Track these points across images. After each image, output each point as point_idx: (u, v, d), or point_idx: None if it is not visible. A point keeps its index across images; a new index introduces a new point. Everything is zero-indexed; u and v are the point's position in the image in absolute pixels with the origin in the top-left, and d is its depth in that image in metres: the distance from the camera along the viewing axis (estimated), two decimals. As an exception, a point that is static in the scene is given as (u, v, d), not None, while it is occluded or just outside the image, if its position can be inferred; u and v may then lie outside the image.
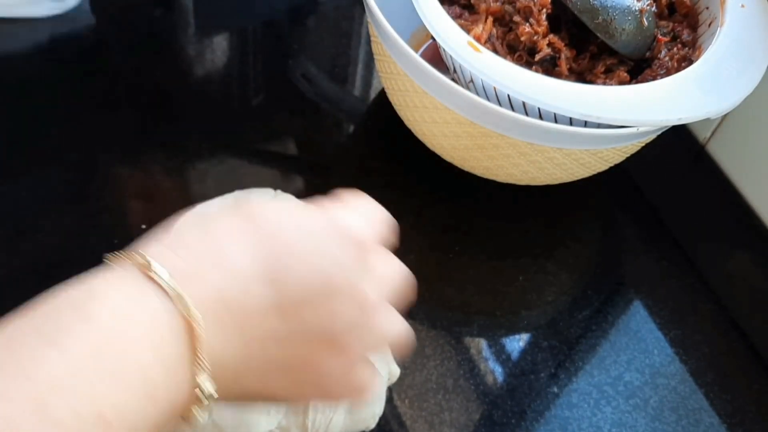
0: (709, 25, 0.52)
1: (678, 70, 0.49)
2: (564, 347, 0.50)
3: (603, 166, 0.52)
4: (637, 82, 0.50)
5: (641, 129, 0.45)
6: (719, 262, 0.56)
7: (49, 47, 0.60)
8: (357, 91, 0.63)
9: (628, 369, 0.49)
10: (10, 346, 0.24)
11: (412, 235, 0.54)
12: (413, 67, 0.47)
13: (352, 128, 0.61)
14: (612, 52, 0.50)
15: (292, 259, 0.28)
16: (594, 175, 0.53)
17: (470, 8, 0.53)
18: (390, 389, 0.46)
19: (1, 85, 0.57)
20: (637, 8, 0.49)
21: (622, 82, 0.50)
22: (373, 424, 0.43)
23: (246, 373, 0.28)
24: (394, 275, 0.33)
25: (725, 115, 0.58)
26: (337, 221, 0.32)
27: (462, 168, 0.54)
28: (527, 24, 0.49)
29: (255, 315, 0.27)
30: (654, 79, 0.49)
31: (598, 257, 0.55)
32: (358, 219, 0.34)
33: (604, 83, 0.50)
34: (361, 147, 0.60)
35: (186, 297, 0.26)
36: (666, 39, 0.51)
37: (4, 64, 0.59)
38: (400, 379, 0.47)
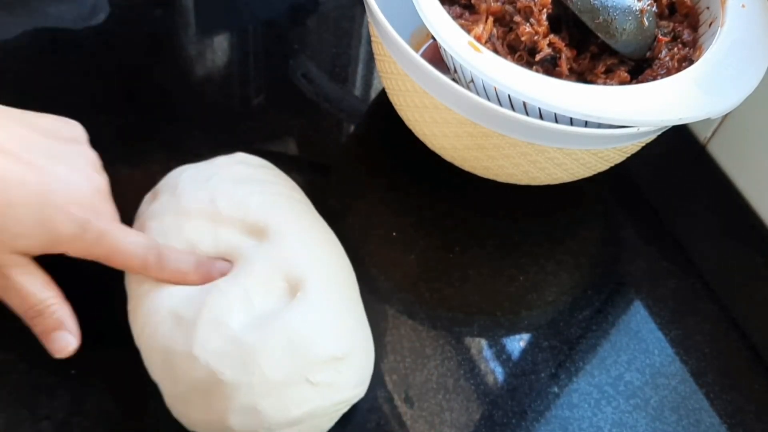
0: (710, 25, 0.52)
1: (678, 70, 0.49)
2: (564, 347, 0.50)
3: (603, 166, 0.52)
4: (637, 82, 0.50)
5: (642, 129, 0.45)
6: (720, 262, 0.56)
7: (51, 47, 0.60)
8: (357, 91, 0.63)
9: (628, 369, 0.49)
10: None
11: (412, 235, 0.54)
12: (414, 67, 0.47)
13: (352, 128, 0.61)
14: (612, 52, 0.50)
15: None
16: (594, 175, 0.53)
17: (470, 8, 0.53)
18: (390, 389, 0.47)
19: (3, 85, 0.57)
20: (637, 8, 0.49)
21: (622, 82, 0.50)
22: None
23: None
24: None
25: (726, 115, 0.58)
26: None
27: (462, 168, 0.54)
28: (528, 24, 0.49)
29: None
30: (654, 79, 0.49)
31: (599, 257, 0.55)
32: None
33: (605, 83, 0.50)
34: (361, 147, 0.60)
35: None
36: (666, 39, 0.51)
37: (5, 64, 0.59)
38: (401, 378, 0.47)
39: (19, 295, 0.40)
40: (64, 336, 0.41)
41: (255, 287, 0.41)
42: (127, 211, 0.50)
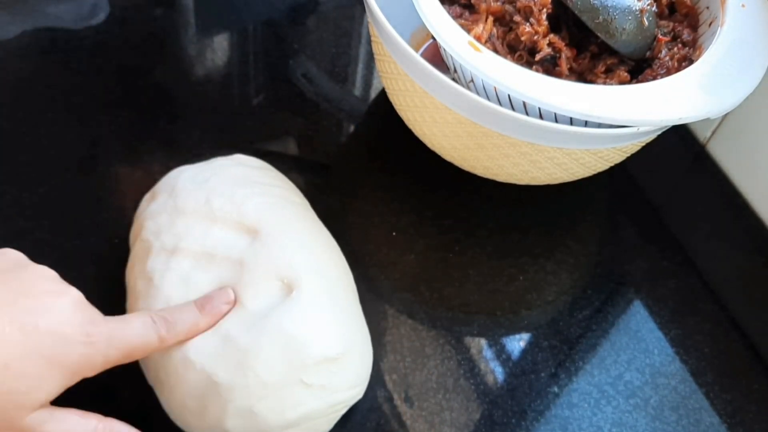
0: (710, 24, 0.52)
1: (678, 69, 0.49)
2: (564, 347, 0.50)
3: (603, 166, 0.52)
4: (637, 82, 0.50)
5: (641, 129, 0.45)
6: (719, 262, 0.56)
7: (51, 47, 0.60)
8: (357, 90, 0.63)
9: (628, 368, 0.50)
10: None
11: (412, 235, 0.54)
12: (413, 67, 0.47)
13: (352, 128, 0.61)
14: (612, 52, 0.50)
15: None
16: (594, 175, 0.53)
17: (470, 8, 0.53)
18: (390, 389, 0.47)
19: (3, 84, 0.58)
20: (637, 8, 0.49)
21: (622, 82, 0.50)
22: None
23: None
24: None
25: (725, 115, 0.58)
26: None
27: (462, 168, 0.54)
28: (527, 24, 0.49)
29: None
30: (654, 78, 0.49)
31: (599, 257, 0.55)
32: None
33: (605, 83, 0.50)
34: (361, 147, 0.60)
35: None
36: (666, 39, 0.52)
37: (5, 64, 0.59)
38: (401, 378, 0.47)
39: None
40: None
41: (247, 288, 0.41)
42: (127, 211, 0.50)
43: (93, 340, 0.36)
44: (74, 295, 0.37)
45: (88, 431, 0.37)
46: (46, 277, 0.38)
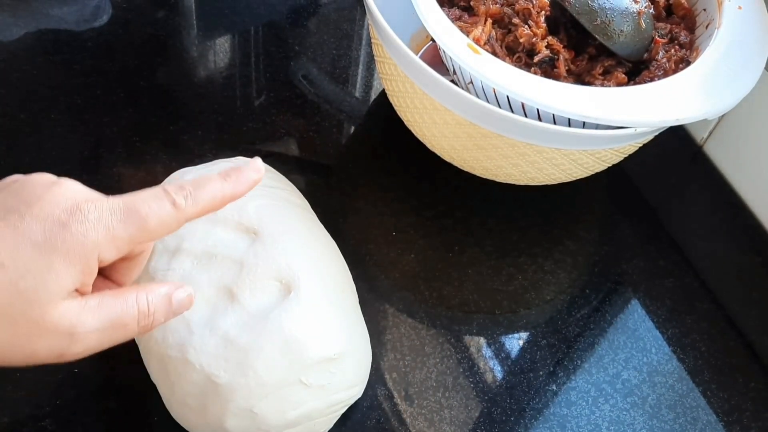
0: (707, 26, 0.52)
1: (675, 71, 0.49)
2: (562, 345, 0.50)
3: (601, 167, 0.52)
4: (635, 84, 0.50)
5: (639, 130, 0.45)
6: (716, 261, 0.57)
7: (54, 48, 0.61)
8: (357, 92, 0.64)
9: (625, 367, 0.50)
10: None
11: (412, 235, 0.54)
12: (413, 68, 0.47)
13: (352, 129, 0.62)
14: (610, 54, 0.51)
15: None
16: (592, 175, 0.54)
17: (469, 10, 0.53)
18: (390, 387, 0.47)
19: (6, 86, 0.58)
20: (635, 10, 0.50)
21: (620, 84, 0.50)
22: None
23: None
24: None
25: (722, 116, 0.58)
26: None
27: (462, 168, 0.54)
28: (526, 26, 0.50)
29: None
30: (652, 80, 0.50)
31: (596, 256, 0.56)
32: None
33: (602, 84, 0.50)
34: (361, 148, 0.60)
35: None
36: (664, 40, 0.52)
37: (8, 65, 0.59)
38: (401, 376, 0.47)
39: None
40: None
41: (247, 289, 0.42)
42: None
43: (90, 217, 0.32)
44: (66, 181, 0.34)
45: (128, 311, 0.33)
46: (42, 178, 0.34)
